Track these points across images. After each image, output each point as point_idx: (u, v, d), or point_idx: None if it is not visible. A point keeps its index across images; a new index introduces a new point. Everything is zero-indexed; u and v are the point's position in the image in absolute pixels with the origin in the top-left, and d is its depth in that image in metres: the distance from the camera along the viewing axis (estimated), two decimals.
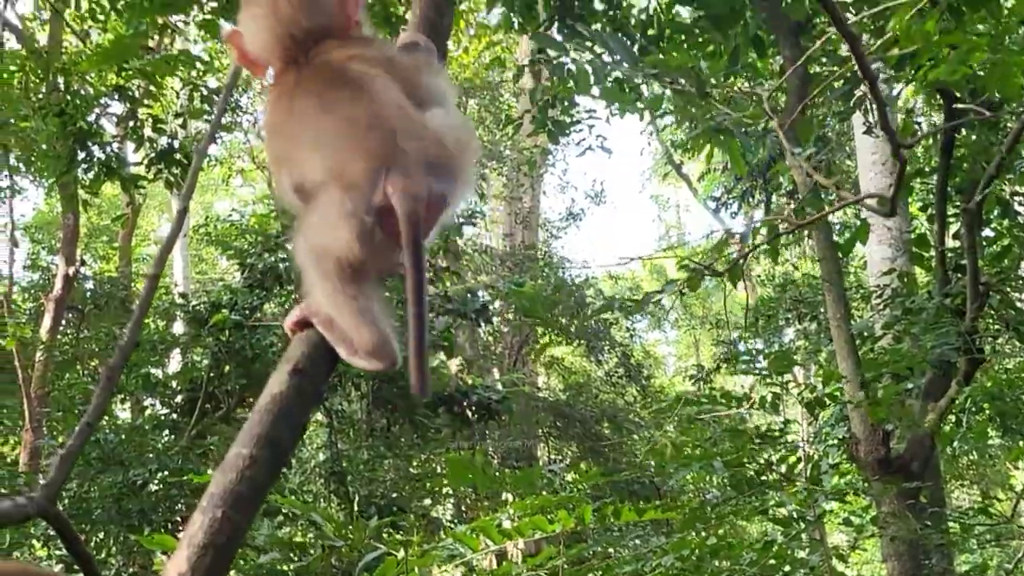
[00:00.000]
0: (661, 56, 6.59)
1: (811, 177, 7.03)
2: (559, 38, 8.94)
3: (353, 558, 5.00)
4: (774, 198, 19.44)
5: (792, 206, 9.56)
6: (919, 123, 12.56)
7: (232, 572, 8.47)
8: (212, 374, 12.26)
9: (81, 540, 3.03)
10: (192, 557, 1.68)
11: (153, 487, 11.05)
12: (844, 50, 7.14)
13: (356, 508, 10.70)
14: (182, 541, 1.70)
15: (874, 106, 6.21)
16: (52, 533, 8.73)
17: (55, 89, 10.16)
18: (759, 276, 22.58)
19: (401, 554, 4.59)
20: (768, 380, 8.42)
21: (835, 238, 8.82)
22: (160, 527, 10.33)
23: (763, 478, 7.83)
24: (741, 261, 5.90)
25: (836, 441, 8.57)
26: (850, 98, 9.30)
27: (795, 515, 7.23)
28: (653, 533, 7.75)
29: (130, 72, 8.83)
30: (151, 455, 11.27)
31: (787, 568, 6.70)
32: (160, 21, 9.51)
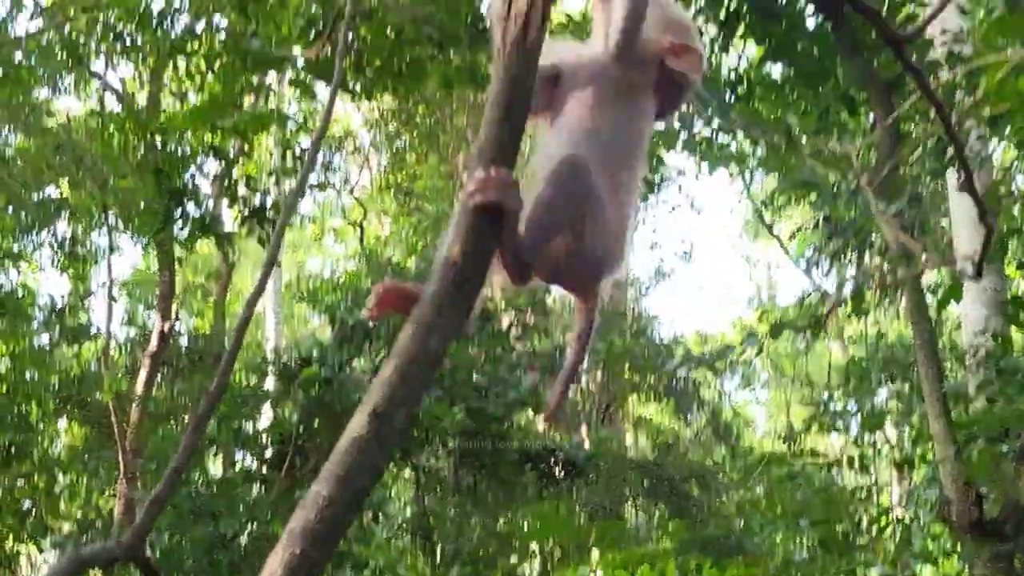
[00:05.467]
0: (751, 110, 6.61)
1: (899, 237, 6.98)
2: None
3: None
4: (866, 256, 19.15)
5: (882, 265, 9.45)
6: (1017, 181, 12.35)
7: None
8: (302, 428, 12.34)
9: None
10: None
11: (243, 540, 11.13)
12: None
13: (440, 563, 10.70)
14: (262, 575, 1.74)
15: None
16: None
17: (152, 149, 10.41)
18: (851, 336, 22.26)
19: None
20: (858, 441, 8.31)
21: (929, 297, 8.71)
22: None
23: (852, 539, 7.71)
24: (824, 317, 5.86)
25: (928, 503, 8.42)
26: (942, 157, 9.19)
27: None
28: None
29: (223, 130, 9.03)
30: (241, 508, 11.37)
31: None
32: (255, 81, 9.71)
